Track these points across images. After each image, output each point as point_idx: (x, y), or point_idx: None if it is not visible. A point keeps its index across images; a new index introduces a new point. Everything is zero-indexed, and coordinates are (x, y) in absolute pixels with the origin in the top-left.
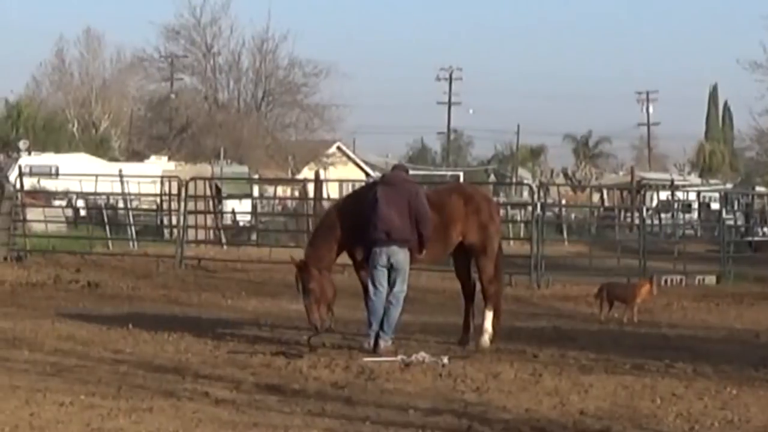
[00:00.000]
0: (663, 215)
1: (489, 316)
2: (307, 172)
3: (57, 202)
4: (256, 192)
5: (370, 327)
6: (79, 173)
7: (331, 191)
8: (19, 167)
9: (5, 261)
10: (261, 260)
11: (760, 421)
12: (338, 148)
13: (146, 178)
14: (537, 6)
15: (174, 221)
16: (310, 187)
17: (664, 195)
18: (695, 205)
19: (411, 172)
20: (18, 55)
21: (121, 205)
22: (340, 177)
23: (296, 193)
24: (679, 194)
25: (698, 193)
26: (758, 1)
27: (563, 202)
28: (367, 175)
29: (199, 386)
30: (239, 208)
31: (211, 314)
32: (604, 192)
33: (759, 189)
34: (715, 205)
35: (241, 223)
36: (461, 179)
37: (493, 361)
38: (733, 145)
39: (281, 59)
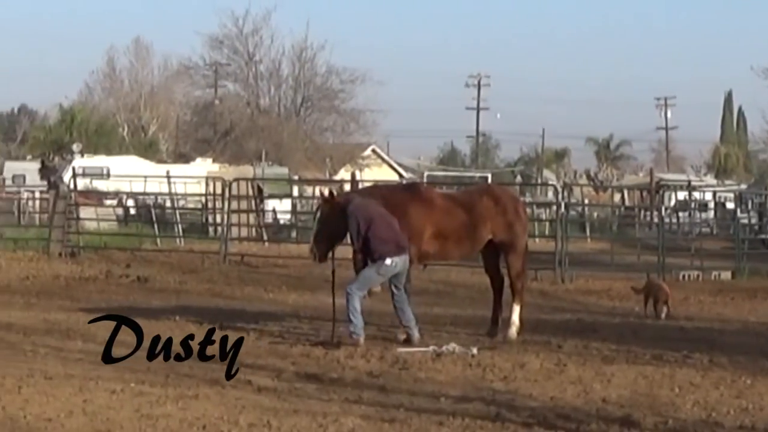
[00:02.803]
0: (681, 214)
1: (516, 309)
2: (343, 174)
3: (108, 202)
4: (295, 192)
5: (353, 322)
6: (129, 174)
7: None
8: (73, 169)
9: (60, 257)
10: (300, 256)
11: None
12: (373, 150)
13: (192, 178)
14: (561, 17)
15: (218, 219)
16: (347, 188)
17: (681, 195)
18: (711, 205)
19: (442, 173)
20: (72, 63)
21: (168, 204)
22: (375, 178)
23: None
24: (696, 194)
25: (714, 193)
26: None
27: (586, 201)
28: (400, 176)
29: (242, 375)
30: (280, 207)
31: (253, 307)
32: (625, 192)
33: None
34: (730, 205)
35: (281, 221)
36: (489, 180)
37: (519, 352)
38: (747, 148)
39: (319, 67)
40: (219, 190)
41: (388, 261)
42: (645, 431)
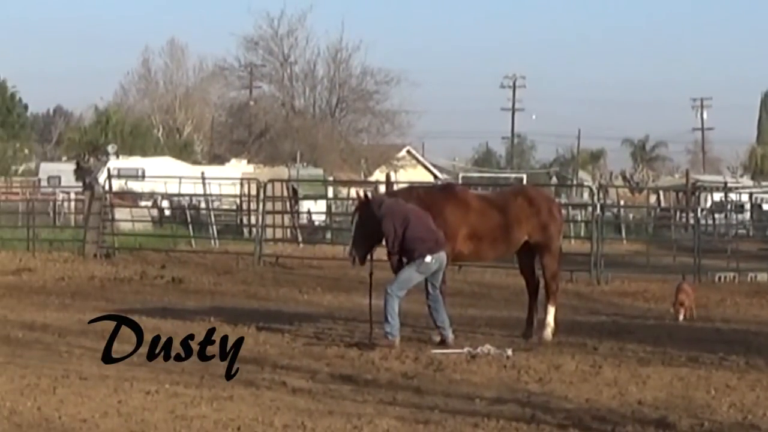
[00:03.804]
0: (717, 215)
1: (551, 310)
2: (378, 175)
3: (143, 203)
4: (330, 193)
5: (389, 323)
6: (164, 175)
7: None
8: (108, 170)
9: (95, 258)
10: (335, 257)
11: None
12: (408, 151)
13: (227, 180)
14: (597, 17)
15: (253, 221)
16: (382, 189)
17: (717, 196)
18: (747, 206)
19: (477, 174)
20: (107, 65)
21: (203, 205)
22: (410, 179)
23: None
24: (732, 196)
25: (750, 195)
26: None
27: (622, 203)
28: (435, 177)
29: (277, 376)
30: (315, 209)
31: (288, 308)
32: (661, 193)
33: None
34: (766, 206)
35: (316, 223)
36: (524, 181)
37: (555, 354)
38: None
39: (354, 68)
40: (254, 192)
41: (428, 258)
42: None
